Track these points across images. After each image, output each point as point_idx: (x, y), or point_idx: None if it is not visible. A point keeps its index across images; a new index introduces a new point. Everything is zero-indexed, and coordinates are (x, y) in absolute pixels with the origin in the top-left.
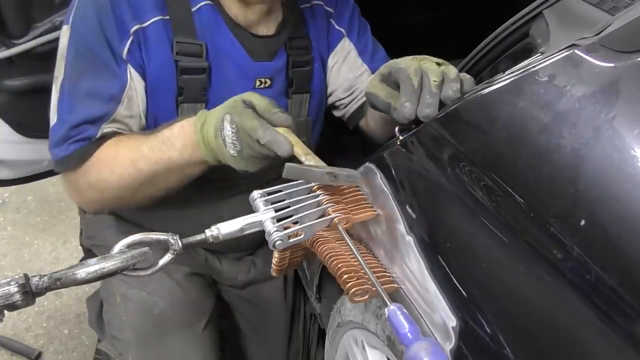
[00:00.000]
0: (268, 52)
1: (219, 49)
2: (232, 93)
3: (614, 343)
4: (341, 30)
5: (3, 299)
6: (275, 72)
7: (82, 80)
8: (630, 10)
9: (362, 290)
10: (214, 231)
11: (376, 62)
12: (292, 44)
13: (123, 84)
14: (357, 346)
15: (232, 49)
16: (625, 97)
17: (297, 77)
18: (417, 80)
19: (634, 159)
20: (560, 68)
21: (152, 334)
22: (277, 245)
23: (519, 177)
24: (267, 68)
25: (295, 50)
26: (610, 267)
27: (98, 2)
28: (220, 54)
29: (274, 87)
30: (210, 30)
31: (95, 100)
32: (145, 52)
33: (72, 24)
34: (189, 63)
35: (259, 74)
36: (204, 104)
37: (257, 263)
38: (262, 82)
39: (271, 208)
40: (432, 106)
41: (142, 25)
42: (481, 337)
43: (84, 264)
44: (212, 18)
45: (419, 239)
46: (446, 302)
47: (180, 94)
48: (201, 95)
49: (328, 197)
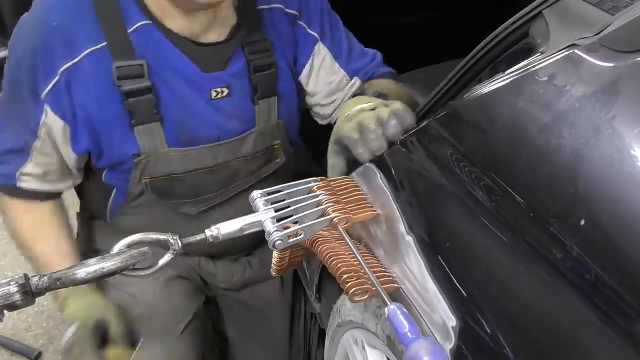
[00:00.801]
0: (220, 60)
1: (163, 65)
2: (187, 108)
3: (614, 343)
4: (314, 35)
5: (3, 299)
6: (233, 79)
7: (8, 108)
8: (630, 10)
9: (362, 290)
10: (213, 231)
11: (353, 62)
12: (251, 48)
13: (37, 121)
14: (357, 346)
15: (178, 63)
16: (625, 97)
17: (261, 81)
18: (358, 134)
19: (634, 159)
20: (560, 68)
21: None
22: (277, 246)
23: (519, 177)
24: (220, 78)
25: (255, 55)
26: (610, 267)
27: (30, 40)
28: (166, 70)
29: (233, 96)
30: (150, 47)
31: (14, 131)
32: (80, 88)
33: (9, 49)
34: (132, 86)
35: (213, 85)
36: (160, 122)
37: (253, 263)
38: (218, 92)
39: (271, 208)
40: (378, 140)
41: (75, 61)
42: (481, 337)
43: (84, 264)
44: (151, 36)
45: (419, 239)
46: (446, 302)
47: (132, 117)
48: (153, 115)
49: (328, 197)
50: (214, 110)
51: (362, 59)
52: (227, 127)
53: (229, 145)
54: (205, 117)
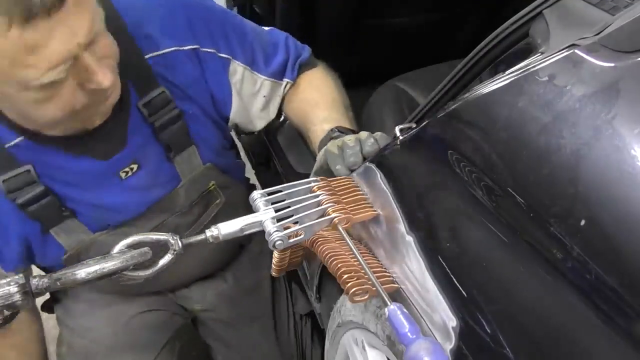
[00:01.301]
0: (118, 139)
1: (54, 168)
2: (101, 198)
3: (614, 343)
4: (226, 57)
5: (3, 299)
6: (140, 151)
7: None
8: (630, 10)
9: (362, 290)
10: (213, 231)
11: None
12: (148, 108)
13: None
14: (357, 346)
15: (70, 165)
16: (625, 97)
17: (171, 138)
18: (337, 151)
19: (634, 159)
20: (560, 68)
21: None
22: (277, 246)
23: (519, 177)
24: (125, 157)
25: (155, 115)
26: (610, 267)
27: None
28: (60, 172)
29: (145, 167)
30: (34, 154)
31: None
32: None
33: None
34: (26, 195)
35: (119, 167)
36: (74, 217)
37: (228, 278)
38: (127, 172)
39: (271, 208)
40: (355, 155)
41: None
42: (481, 337)
43: (84, 264)
44: (32, 148)
45: (419, 239)
46: (446, 302)
47: (42, 223)
48: (61, 215)
49: (328, 197)
50: (130, 189)
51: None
52: (150, 198)
53: (158, 206)
54: (121, 200)
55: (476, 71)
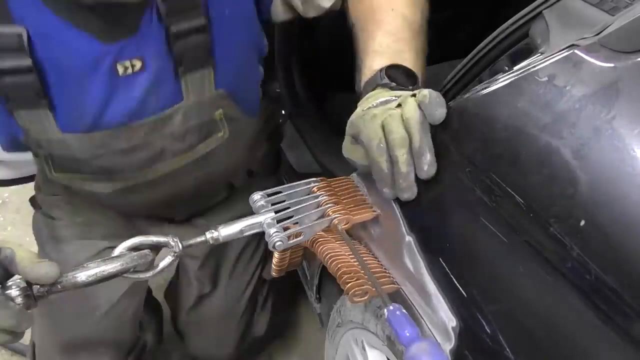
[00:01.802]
0: (126, 24)
1: (48, 37)
2: (85, 91)
3: (614, 343)
4: None
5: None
6: (147, 48)
7: None
8: (630, 10)
9: (361, 290)
10: (213, 233)
11: None
12: (170, 6)
13: None
14: (357, 346)
15: (65, 36)
16: (625, 97)
17: (187, 50)
18: (386, 164)
19: (633, 159)
20: (560, 68)
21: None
22: (277, 246)
23: (518, 177)
24: (128, 47)
25: (175, 17)
26: (610, 267)
27: None
28: (52, 43)
29: (148, 69)
30: (31, 12)
31: None
32: None
33: None
34: (7, 63)
35: (119, 57)
36: (47, 109)
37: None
38: (127, 67)
39: (271, 209)
40: (409, 189)
41: None
42: (481, 337)
43: (84, 267)
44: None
45: (419, 239)
46: (446, 302)
47: (9, 100)
48: (38, 100)
49: (328, 197)
50: (124, 89)
51: None
52: (142, 107)
53: (146, 125)
54: (110, 99)
55: (476, 71)
